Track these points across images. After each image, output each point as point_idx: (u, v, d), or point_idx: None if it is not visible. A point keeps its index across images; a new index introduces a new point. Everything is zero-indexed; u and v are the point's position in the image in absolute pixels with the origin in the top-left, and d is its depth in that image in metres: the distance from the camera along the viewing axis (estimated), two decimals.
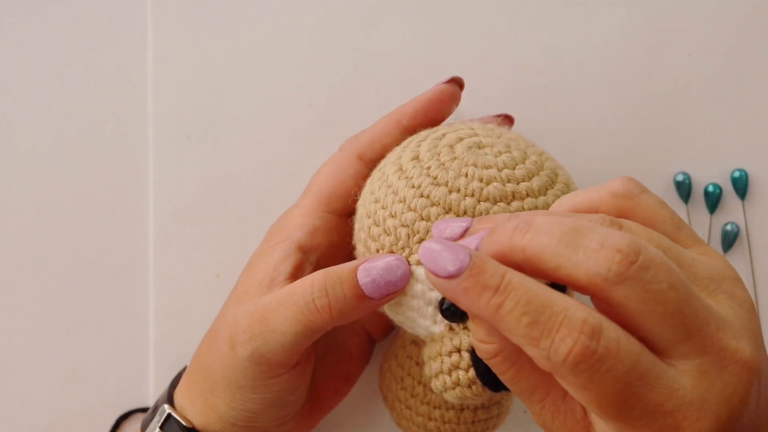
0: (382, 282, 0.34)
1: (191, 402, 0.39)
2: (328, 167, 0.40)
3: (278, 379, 0.37)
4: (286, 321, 0.35)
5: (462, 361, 0.34)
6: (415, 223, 0.34)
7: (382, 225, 0.35)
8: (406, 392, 0.41)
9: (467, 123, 0.39)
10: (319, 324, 0.35)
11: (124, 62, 0.48)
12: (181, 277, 0.47)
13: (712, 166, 0.47)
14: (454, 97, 0.40)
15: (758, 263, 0.47)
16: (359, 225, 0.37)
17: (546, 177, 0.35)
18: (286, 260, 0.38)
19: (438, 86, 0.40)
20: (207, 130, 0.48)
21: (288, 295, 0.35)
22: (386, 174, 0.36)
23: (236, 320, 0.36)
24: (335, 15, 0.48)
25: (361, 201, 0.37)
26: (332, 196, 0.39)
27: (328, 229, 0.39)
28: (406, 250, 0.34)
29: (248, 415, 0.38)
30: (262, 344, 0.35)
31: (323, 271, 0.35)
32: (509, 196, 0.34)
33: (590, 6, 0.47)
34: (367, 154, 0.39)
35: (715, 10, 0.47)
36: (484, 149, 0.36)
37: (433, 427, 0.41)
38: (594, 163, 0.47)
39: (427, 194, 0.34)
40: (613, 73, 0.47)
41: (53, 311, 0.47)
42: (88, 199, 0.47)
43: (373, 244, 0.36)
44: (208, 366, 0.38)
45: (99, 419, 0.47)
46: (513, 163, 0.35)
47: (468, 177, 0.34)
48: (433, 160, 0.35)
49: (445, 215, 0.34)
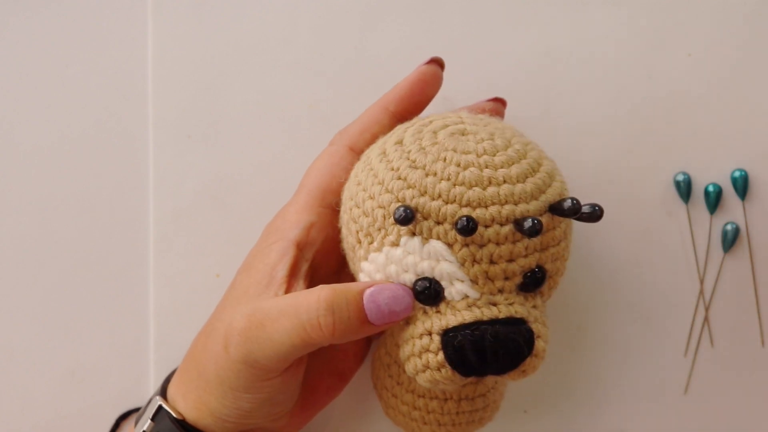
0: (386, 310, 0.34)
1: (184, 397, 0.39)
2: (320, 162, 0.40)
3: (270, 382, 0.37)
4: (285, 332, 0.35)
5: (432, 344, 0.34)
6: (390, 205, 0.34)
7: (362, 206, 0.35)
8: (393, 380, 0.41)
9: (458, 112, 0.39)
10: (318, 341, 0.35)
11: (124, 62, 0.48)
12: (181, 277, 0.47)
13: (712, 166, 0.47)
14: (436, 78, 0.40)
15: (758, 263, 0.47)
16: (343, 208, 0.37)
17: (527, 165, 0.35)
18: (283, 259, 0.38)
19: (419, 68, 0.40)
20: (207, 129, 0.48)
21: (291, 306, 0.35)
22: (370, 158, 0.36)
23: (233, 321, 0.36)
24: (335, 15, 0.48)
25: (347, 185, 0.38)
26: (326, 190, 0.39)
27: (323, 224, 0.39)
28: (382, 231, 0.35)
29: (240, 413, 0.38)
30: (257, 349, 0.35)
31: (330, 288, 0.35)
32: (485, 181, 0.34)
33: (590, 6, 0.47)
34: (359, 144, 0.40)
35: (715, 10, 0.47)
36: (467, 136, 0.36)
37: (418, 416, 0.41)
38: (594, 163, 0.47)
39: (404, 176, 0.34)
40: (613, 73, 0.47)
41: (53, 311, 0.47)
42: (88, 198, 0.47)
43: (353, 225, 0.36)
44: (202, 363, 0.38)
45: (99, 419, 0.47)
46: (494, 150, 0.35)
47: (446, 161, 0.34)
48: (414, 144, 0.35)
49: (420, 198, 0.34)
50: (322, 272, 0.40)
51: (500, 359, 0.34)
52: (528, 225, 0.33)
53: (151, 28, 0.48)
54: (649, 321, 0.47)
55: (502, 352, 0.34)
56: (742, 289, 0.47)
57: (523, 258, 0.35)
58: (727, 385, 0.47)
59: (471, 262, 0.34)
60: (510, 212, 0.34)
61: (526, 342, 0.34)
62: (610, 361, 0.47)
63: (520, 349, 0.34)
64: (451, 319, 0.34)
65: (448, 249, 0.34)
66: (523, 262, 0.35)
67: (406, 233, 0.34)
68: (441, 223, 0.34)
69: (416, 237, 0.34)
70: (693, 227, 0.47)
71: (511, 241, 0.34)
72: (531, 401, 0.48)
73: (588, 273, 0.47)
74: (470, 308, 0.34)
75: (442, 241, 0.34)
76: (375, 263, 0.35)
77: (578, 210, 0.34)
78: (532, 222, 0.33)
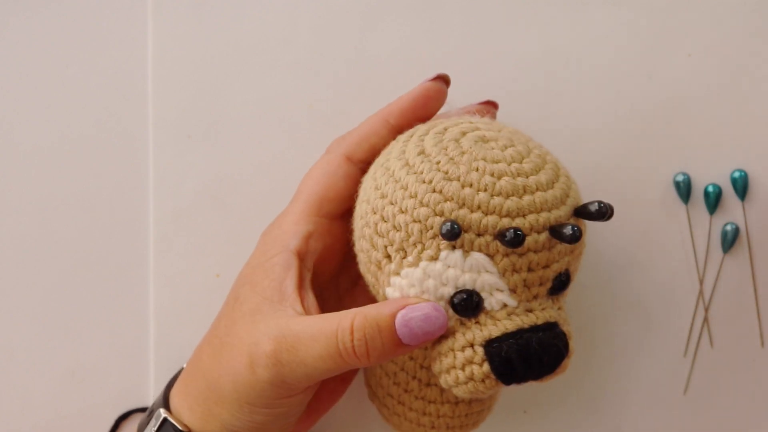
0: (420, 333, 0.34)
1: (190, 409, 0.39)
2: (317, 171, 0.40)
3: (292, 399, 0.37)
4: (320, 358, 0.35)
5: (476, 356, 0.34)
6: (428, 219, 0.34)
7: (391, 221, 0.35)
8: (399, 388, 0.41)
9: (463, 116, 0.39)
10: (354, 365, 0.35)
11: (124, 62, 0.48)
12: (181, 277, 0.47)
13: (712, 167, 0.47)
14: (440, 95, 0.39)
15: (758, 263, 0.47)
16: (363, 221, 0.36)
17: (551, 170, 0.36)
18: (289, 273, 0.38)
19: (424, 84, 0.39)
20: (207, 129, 0.48)
21: (323, 333, 0.35)
22: (391, 169, 0.36)
23: (258, 342, 0.36)
24: (335, 15, 0.48)
25: (363, 197, 0.37)
26: (323, 200, 0.39)
27: (321, 233, 0.39)
28: (419, 246, 0.34)
29: (253, 426, 0.37)
30: (288, 372, 0.35)
31: (362, 316, 0.34)
32: (520, 190, 0.34)
33: (590, 6, 0.47)
34: (356, 154, 0.39)
35: (715, 10, 0.47)
36: (489, 143, 0.36)
37: (427, 421, 0.41)
38: (594, 163, 0.47)
39: (440, 189, 0.34)
40: (613, 73, 0.47)
41: (53, 311, 0.47)
42: (88, 198, 0.47)
43: (380, 240, 0.35)
44: (214, 378, 0.38)
45: (99, 419, 0.47)
46: (520, 157, 0.35)
47: (479, 171, 0.34)
48: (441, 155, 0.35)
49: (459, 210, 0.33)
50: (321, 279, 0.40)
51: (544, 365, 0.34)
52: (569, 232, 0.33)
53: (151, 28, 0.48)
54: (648, 321, 0.47)
55: (546, 358, 0.34)
56: (741, 289, 0.47)
57: (557, 263, 0.35)
58: (726, 386, 0.47)
59: (511, 272, 0.34)
60: (546, 219, 0.34)
61: (564, 345, 0.35)
62: (610, 362, 0.47)
63: (560, 353, 0.35)
64: (493, 329, 0.34)
65: (490, 260, 0.34)
66: (556, 267, 0.35)
67: (446, 247, 0.34)
68: (482, 234, 0.34)
69: (457, 250, 0.34)
70: (693, 228, 0.47)
71: (548, 248, 0.34)
72: (531, 401, 0.48)
73: (588, 273, 0.47)
74: (510, 317, 0.34)
75: (483, 253, 0.34)
76: (409, 278, 0.35)
77: (605, 212, 0.34)
78: (572, 229, 0.33)
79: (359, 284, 0.43)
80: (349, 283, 0.44)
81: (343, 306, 0.43)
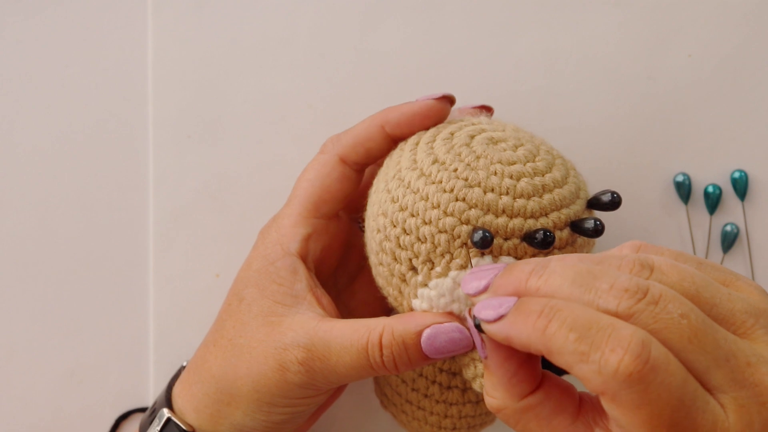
0: (445, 351, 0.35)
1: (196, 410, 0.39)
2: (311, 172, 0.40)
3: (319, 397, 0.38)
4: (351, 367, 0.36)
5: None
6: (455, 228, 0.34)
7: (415, 233, 0.34)
8: (419, 394, 0.41)
9: (463, 117, 0.39)
10: (383, 373, 0.36)
11: (124, 62, 0.48)
12: (181, 277, 0.47)
13: (711, 167, 0.47)
14: (442, 115, 0.39)
15: (758, 264, 0.47)
16: (382, 235, 0.36)
17: (562, 166, 0.36)
18: (297, 275, 0.38)
19: (428, 102, 0.39)
20: (207, 129, 0.48)
21: (353, 346, 0.35)
22: (407, 180, 0.35)
23: (287, 348, 0.36)
24: (335, 15, 0.48)
25: (378, 211, 0.36)
26: (319, 201, 0.39)
27: (319, 234, 0.40)
28: (447, 256, 0.34)
29: (269, 425, 0.38)
30: (320, 378, 0.36)
31: (388, 332, 0.35)
32: (540, 189, 0.34)
33: (590, 6, 0.47)
34: (350, 156, 0.39)
35: (715, 10, 0.47)
36: (500, 144, 0.36)
37: (449, 423, 0.41)
38: (594, 163, 0.47)
39: (463, 197, 0.34)
40: (613, 73, 0.47)
41: (53, 311, 0.47)
42: (89, 198, 0.47)
43: (404, 253, 0.35)
44: (227, 379, 0.38)
45: (99, 419, 0.47)
46: (532, 156, 0.35)
47: (498, 175, 0.34)
48: (457, 162, 0.35)
49: (484, 216, 0.34)
50: (320, 277, 0.41)
51: None
52: (591, 226, 0.34)
53: (151, 28, 0.48)
54: None
55: None
56: None
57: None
58: None
59: None
60: (567, 216, 0.34)
61: None
62: None
63: None
64: None
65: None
66: None
67: (475, 254, 0.34)
68: (509, 238, 0.34)
69: (486, 256, 0.34)
70: (693, 228, 0.47)
71: (570, 244, 0.35)
72: None
73: None
74: None
75: (512, 256, 0.34)
76: (438, 289, 0.35)
77: (618, 202, 0.34)
78: (595, 223, 0.34)
79: (357, 280, 0.44)
80: (347, 279, 0.44)
81: (343, 301, 0.43)
